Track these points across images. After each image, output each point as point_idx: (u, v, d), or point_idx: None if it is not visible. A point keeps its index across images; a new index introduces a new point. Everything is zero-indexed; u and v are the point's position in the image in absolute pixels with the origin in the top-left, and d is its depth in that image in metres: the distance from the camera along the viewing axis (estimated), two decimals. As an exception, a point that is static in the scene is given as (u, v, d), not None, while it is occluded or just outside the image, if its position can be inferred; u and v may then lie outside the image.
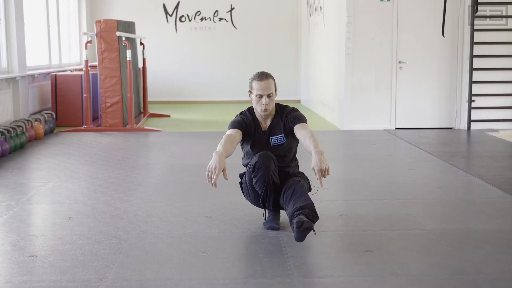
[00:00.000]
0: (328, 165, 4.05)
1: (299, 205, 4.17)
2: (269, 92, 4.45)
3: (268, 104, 4.46)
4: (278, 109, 4.61)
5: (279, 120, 4.57)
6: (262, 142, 4.57)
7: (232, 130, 4.47)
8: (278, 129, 4.56)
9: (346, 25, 9.80)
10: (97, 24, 9.88)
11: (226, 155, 4.18)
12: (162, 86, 14.54)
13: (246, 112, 4.63)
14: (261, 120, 4.59)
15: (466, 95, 9.88)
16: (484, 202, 5.48)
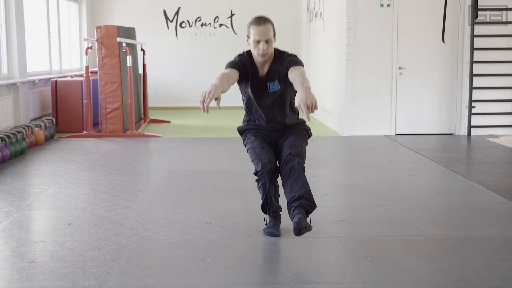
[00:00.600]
0: (315, 100, 3.91)
1: (297, 195, 4.23)
2: (267, 37, 4.35)
3: (266, 49, 4.36)
4: (277, 53, 4.50)
5: (276, 65, 4.46)
6: (260, 88, 4.49)
7: (229, 69, 4.40)
8: (275, 74, 4.46)
9: (346, 31, 9.81)
10: (98, 30, 9.90)
11: (223, 89, 4.10)
12: (162, 92, 14.55)
13: (245, 54, 4.52)
14: (259, 66, 4.49)
15: (466, 101, 9.88)
16: (485, 208, 5.48)
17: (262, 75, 4.49)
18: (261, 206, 4.59)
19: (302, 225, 4.09)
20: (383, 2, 9.80)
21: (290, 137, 4.52)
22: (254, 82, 4.49)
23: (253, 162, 4.46)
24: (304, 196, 4.23)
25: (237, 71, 4.39)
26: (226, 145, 8.94)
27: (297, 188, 4.25)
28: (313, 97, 3.93)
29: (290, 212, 4.26)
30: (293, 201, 4.24)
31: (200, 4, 14.55)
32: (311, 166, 6.57)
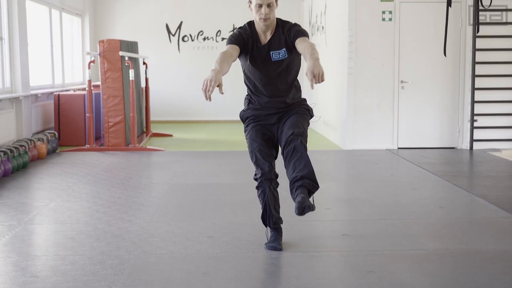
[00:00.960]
0: (322, 70, 3.87)
1: (300, 174, 4.17)
2: (269, 1, 4.30)
3: (268, 13, 4.31)
4: (279, 22, 4.46)
5: (280, 33, 4.42)
6: (262, 57, 4.43)
7: (229, 46, 4.35)
8: (279, 43, 4.41)
9: (348, 45, 9.84)
10: (100, 44, 9.93)
11: (222, 73, 4.07)
12: (164, 106, 14.57)
13: (245, 25, 4.48)
14: (260, 33, 4.44)
15: (468, 115, 9.88)
16: (487, 222, 5.47)
17: (264, 43, 4.43)
18: (261, 217, 4.59)
19: (305, 205, 4.04)
20: (384, 16, 9.84)
21: (292, 116, 4.47)
22: (254, 50, 4.43)
23: (253, 164, 4.46)
24: (307, 176, 4.17)
25: (236, 46, 4.35)
26: (228, 159, 8.94)
27: (300, 167, 4.18)
28: (321, 68, 3.89)
29: (293, 192, 4.20)
30: (295, 181, 4.17)
31: (202, 18, 14.61)
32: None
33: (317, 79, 3.83)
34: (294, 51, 4.39)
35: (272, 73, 4.45)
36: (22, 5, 9.41)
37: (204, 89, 3.87)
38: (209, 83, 3.88)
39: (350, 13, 9.80)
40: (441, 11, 9.50)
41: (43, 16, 11.35)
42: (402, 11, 9.84)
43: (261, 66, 4.44)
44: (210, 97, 3.86)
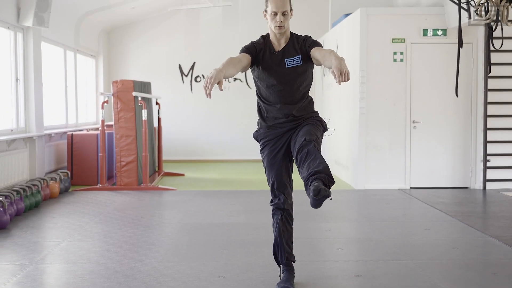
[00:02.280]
0: (348, 69, 3.89)
1: (314, 170, 4.05)
2: (284, 9, 4.38)
3: (283, 22, 4.38)
4: (293, 34, 4.54)
5: (294, 42, 4.48)
6: (276, 63, 4.47)
7: (240, 54, 4.44)
8: (294, 51, 4.46)
9: (360, 85, 9.89)
10: (114, 84, 10.04)
11: (226, 74, 4.13)
12: (177, 145, 14.63)
13: (260, 38, 4.56)
14: (274, 41, 4.50)
15: (481, 155, 9.85)
16: (502, 264, 5.40)
17: (278, 50, 4.50)
18: (273, 251, 4.59)
19: (321, 187, 3.90)
20: (396, 57, 9.89)
21: (304, 126, 4.46)
22: (267, 56, 4.49)
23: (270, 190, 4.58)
24: (322, 171, 4.03)
25: (248, 55, 4.43)
26: (240, 198, 8.93)
27: (315, 165, 4.07)
28: (347, 67, 3.93)
29: (307, 187, 4.05)
30: (310, 176, 4.04)
31: (214, 59, 14.71)
32: (325, 219, 6.54)
33: (344, 77, 3.86)
34: (309, 61, 4.46)
35: (285, 80, 4.47)
36: (37, 47, 9.55)
37: (204, 86, 3.98)
38: (209, 80, 3.98)
39: (362, 53, 9.87)
40: (452, 52, 9.55)
41: (58, 57, 11.51)
42: (414, 51, 9.90)
43: (275, 72, 4.48)
44: (210, 94, 3.94)
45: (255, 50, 4.47)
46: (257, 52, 4.47)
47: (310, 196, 3.96)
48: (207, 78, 3.99)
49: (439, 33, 9.88)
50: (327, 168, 4.04)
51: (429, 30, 9.90)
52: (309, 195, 3.97)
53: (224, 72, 4.10)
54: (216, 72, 4.02)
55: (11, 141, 8.74)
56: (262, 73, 4.50)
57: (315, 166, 4.05)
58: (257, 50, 4.47)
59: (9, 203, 7.20)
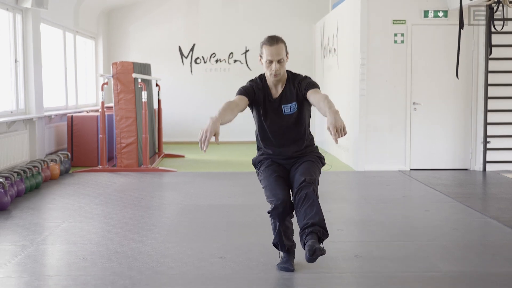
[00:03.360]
0: (343, 123, 3.89)
1: (310, 221, 4.12)
2: (279, 57, 4.35)
3: (278, 69, 4.35)
4: (290, 76, 4.48)
5: (291, 87, 4.44)
6: (273, 110, 4.45)
7: (237, 97, 4.39)
8: (290, 97, 4.43)
9: (360, 66, 9.86)
10: (114, 66, 10.01)
11: (223, 121, 4.07)
12: (177, 127, 14.62)
13: (257, 79, 4.52)
14: (271, 87, 4.47)
15: (481, 136, 9.85)
16: (501, 245, 5.42)
17: (275, 97, 4.46)
18: (273, 245, 4.59)
19: (316, 247, 4.02)
20: (396, 38, 9.86)
21: (303, 163, 4.46)
22: (266, 104, 4.46)
23: (268, 201, 4.43)
24: (317, 223, 4.14)
25: (245, 98, 4.38)
26: (240, 180, 8.94)
27: (311, 215, 4.16)
28: (342, 121, 3.90)
29: (302, 238, 4.18)
30: (306, 227, 4.15)
31: (214, 41, 14.70)
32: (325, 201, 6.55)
33: (340, 133, 3.85)
34: (305, 103, 4.44)
35: (284, 125, 4.47)
36: (36, 28, 9.51)
37: (200, 139, 3.85)
38: (204, 134, 3.85)
39: (362, 35, 9.83)
40: (453, 34, 9.52)
41: (57, 39, 11.47)
42: (414, 33, 9.86)
43: (273, 119, 4.47)
44: (206, 148, 3.83)
45: (253, 93, 4.43)
46: (255, 96, 4.44)
47: (305, 252, 4.09)
48: (203, 131, 3.88)
49: (440, 15, 9.84)
50: (322, 220, 4.16)
51: (430, 12, 9.85)
52: (304, 249, 4.12)
53: (221, 120, 4.04)
54: (212, 124, 3.93)
55: (11, 122, 8.73)
56: (261, 119, 4.50)
57: (311, 217, 4.15)
58: (255, 93, 4.44)
59: (10, 184, 7.21)
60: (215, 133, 3.89)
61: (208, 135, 3.84)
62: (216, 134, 3.90)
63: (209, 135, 3.85)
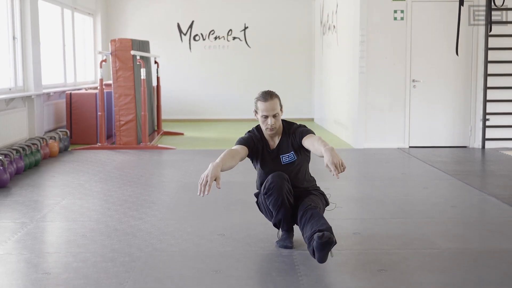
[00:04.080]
0: (341, 159, 3.96)
1: (318, 228, 4.08)
2: (274, 112, 4.44)
3: (274, 124, 4.45)
4: (285, 126, 4.59)
5: (287, 137, 4.54)
6: (272, 161, 4.55)
7: (238, 146, 4.48)
8: (287, 147, 4.53)
9: (360, 44, 9.82)
10: (112, 43, 9.97)
11: (224, 167, 4.14)
12: (176, 104, 14.60)
13: (254, 130, 4.62)
14: (268, 139, 4.58)
15: (480, 114, 9.84)
16: (500, 222, 5.44)
17: (273, 148, 4.57)
18: (273, 223, 4.61)
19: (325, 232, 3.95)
20: (396, 15, 9.80)
21: (309, 196, 4.53)
22: (265, 155, 4.57)
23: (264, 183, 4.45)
24: (325, 229, 4.05)
25: (245, 148, 4.47)
26: (239, 158, 8.94)
27: (318, 224, 4.13)
28: (339, 157, 3.98)
29: (311, 243, 4.07)
30: (314, 233, 4.05)
31: (213, 18, 14.62)
32: (324, 178, 6.56)
33: (339, 169, 3.91)
34: (302, 151, 4.52)
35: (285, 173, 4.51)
36: (34, 5, 9.45)
37: (201, 183, 3.93)
38: (205, 179, 3.94)
39: (362, 12, 9.77)
40: (453, 10, 9.47)
41: (55, 16, 11.40)
42: (414, 10, 9.80)
43: (273, 168, 4.53)
44: (207, 192, 3.90)
45: (253, 144, 4.51)
46: (255, 147, 4.52)
47: (314, 246, 3.97)
48: (204, 175, 3.96)
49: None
50: (330, 229, 4.09)
51: (430, -12, 9.79)
52: (313, 246, 3.99)
53: (222, 166, 4.10)
54: (213, 169, 3.99)
55: (10, 100, 8.70)
56: (260, 169, 4.59)
57: (319, 225, 4.11)
58: (255, 144, 4.52)
59: (9, 162, 7.22)
60: (216, 177, 3.96)
61: (209, 180, 3.93)
62: (217, 179, 3.97)
63: (210, 180, 3.93)
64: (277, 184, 4.37)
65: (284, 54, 14.73)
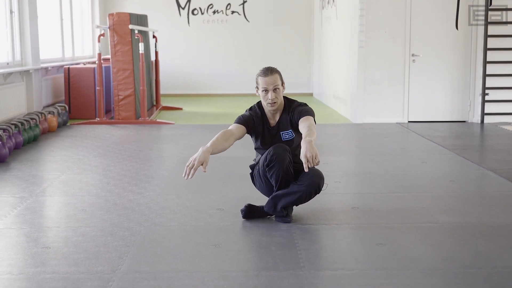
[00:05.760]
0: (315, 152, 3.96)
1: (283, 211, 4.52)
2: (275, 86, 4.43)
3: (274, 98, 4.44)
4: (286, 103, 4.57)
5: (287, 115, 4.54)
6: (272, 137, 4.56)
7: (234, 125, 4.49)
8: (286, 124, 4.53)
9: (359, 18, 9.76)
10: (110, 17, 9.91)
11: (214, 151, 4.20)
12: (174, 79, 14.56)
13: (255, 107, 4.61)
14: (269, 116, 4.58)
15: (479, 88, 9.82)
16: (498, 196, 5.46)
17: (273, 125, 4.56)
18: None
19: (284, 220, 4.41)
20: (396, -12, 9.74)
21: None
22: (265, 132, 4.57)
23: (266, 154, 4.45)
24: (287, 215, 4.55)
25: (243, 127, 4.48)
26: (238, 132, 8.93)
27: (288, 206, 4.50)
28: (314, 150, 3.97)
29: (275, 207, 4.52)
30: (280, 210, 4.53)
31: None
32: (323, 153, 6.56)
33: (311, 163, 3.95)
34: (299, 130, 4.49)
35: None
36: (31, -22, 9.38)
37: (187, 165, 4.04)
38: (192, 162, 4.05)
39: (361, -15, 9.70)
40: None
41: (52, -11, 11.32)
42: (414, -17, 9.74)
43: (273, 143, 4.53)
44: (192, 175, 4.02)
45: (252, 123, 4.52)
46: (254, 126, 4.53)
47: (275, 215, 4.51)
48: (192, 158, 4.07)
49: (440, -36, 9.70)
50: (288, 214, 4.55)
51: (431, -39, 9.72)
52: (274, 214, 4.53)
53: (212, 150, 4.15)
54: (202, 153, 4.07)
55: (8, 74, 8.67)
56: (260, 145, 4.58)
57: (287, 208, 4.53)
58: (254, 123, 4.53)
59: (8, 136, 7.21)
60: (203, 162, 4.05)
61: (195, 164, 4.02)
62: (204, 163, 4.06)
63: (197, 164, 4.03)
64: (279, 156, 4.37)
65: (283, 29, 14.66)
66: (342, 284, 3.49)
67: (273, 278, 3.56)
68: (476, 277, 3.57)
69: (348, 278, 3.57)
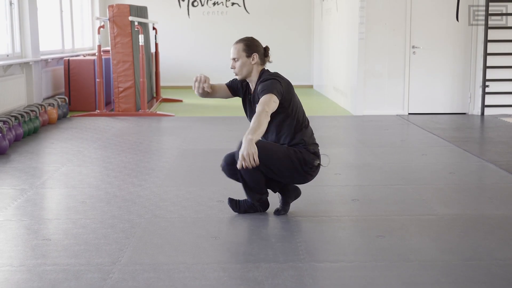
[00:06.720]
0: (251, 151, 3.86)
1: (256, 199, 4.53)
2: (233, 56, 4.52)
3: (233, 67, 4.52)
4: (260, 76, 4.47)
5: (256, 88, 4.44)
6: (250, 104, 4.57)
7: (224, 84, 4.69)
8: (256, 97, 4.41)
9: (359, 9, 9.74)
10: (110, 9, 9.89)
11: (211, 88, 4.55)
12: (174, 71, 14.54)
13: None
14: (251, 85, 4.59)
15: (480, 80, 9.81)
16: (498, 188, 5.46)
17: (252, 92, 4.57)
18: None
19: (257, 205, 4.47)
20: (396, -20, 9.71)
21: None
22: (246, 97, 4.61)
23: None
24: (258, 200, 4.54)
25: (227, 89, 4.65)
26: (238, 124, 8.93)
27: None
28: (247, 149, 3.87)
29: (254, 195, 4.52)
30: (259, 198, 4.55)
31: (212, -17, 14.49)
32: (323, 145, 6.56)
33: (242, 162, 3.92)
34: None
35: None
36: (31, -31, 9.35)
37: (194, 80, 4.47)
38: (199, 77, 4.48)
39: (362, -23, 9.68)
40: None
41: (52, -19, 11.29)
42: (415, -25, 9.71)
43: (249, 112, 4.57)
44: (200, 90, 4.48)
45: (237, 86, 4.65)
46: (238, 89, 4.64)
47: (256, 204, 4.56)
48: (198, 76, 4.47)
49: (441, -44, 9.67)
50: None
51: (431, -47, 9.69)
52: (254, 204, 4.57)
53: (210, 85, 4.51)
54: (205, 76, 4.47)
55: (7, 66, 8.66)
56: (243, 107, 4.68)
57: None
58: (239, 87, 4.63)
59: (8, 128, 7.21)
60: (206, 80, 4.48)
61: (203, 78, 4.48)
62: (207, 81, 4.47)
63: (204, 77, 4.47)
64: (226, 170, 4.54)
65: (283, 21, 14.63)
66: (341, 276, 3.49)
67: (273, 270, 3.56)
68: (476, 269, 3.58)
69: (348, 270, 3.57)
